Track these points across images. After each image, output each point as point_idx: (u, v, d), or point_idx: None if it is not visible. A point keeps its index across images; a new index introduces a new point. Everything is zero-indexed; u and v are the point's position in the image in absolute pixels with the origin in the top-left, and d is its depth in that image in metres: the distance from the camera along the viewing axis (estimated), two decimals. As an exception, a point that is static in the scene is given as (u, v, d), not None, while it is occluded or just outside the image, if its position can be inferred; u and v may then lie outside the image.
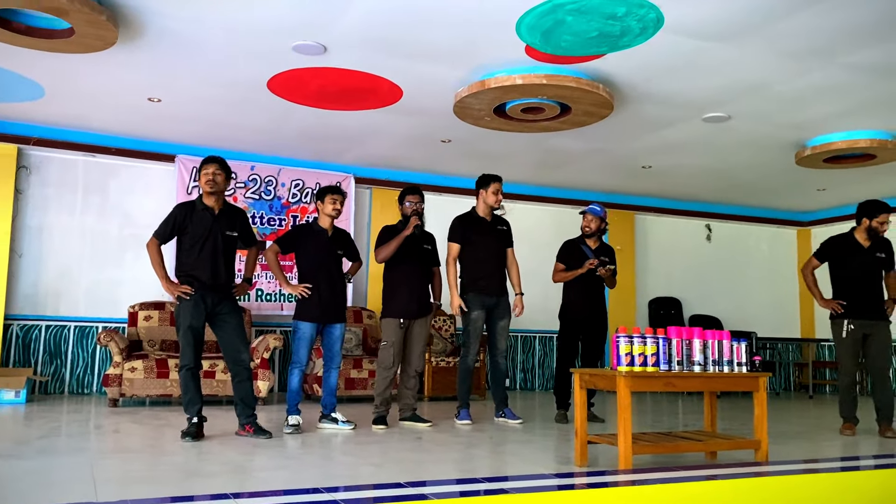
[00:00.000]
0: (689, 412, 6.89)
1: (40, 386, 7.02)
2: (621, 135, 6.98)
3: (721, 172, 8.38)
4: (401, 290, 5.35)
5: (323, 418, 5.11)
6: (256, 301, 7.69)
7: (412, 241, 5.37)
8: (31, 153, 7.18)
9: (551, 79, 5.35)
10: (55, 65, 5.45)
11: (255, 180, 7.83)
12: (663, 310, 9.69)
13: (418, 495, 2.83)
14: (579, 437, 3.81)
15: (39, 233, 7.18)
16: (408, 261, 5.37)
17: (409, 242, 5.35)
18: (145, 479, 3.28)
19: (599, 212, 5.97)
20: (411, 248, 5.37)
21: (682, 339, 3.80)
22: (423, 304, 5.40)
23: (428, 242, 5.52)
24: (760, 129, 6.73)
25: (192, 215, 4.58)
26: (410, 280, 5.37)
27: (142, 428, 5.03)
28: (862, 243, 5.70)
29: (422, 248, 5.45)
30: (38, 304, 7.11)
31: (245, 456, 3.93)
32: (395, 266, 5.39)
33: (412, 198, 5.46)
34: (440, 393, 7.46)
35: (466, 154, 7.70)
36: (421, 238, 5.44)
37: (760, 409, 3.96)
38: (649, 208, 9.84)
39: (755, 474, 3.46)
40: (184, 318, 4.48)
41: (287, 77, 5.63)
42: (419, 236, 5.40)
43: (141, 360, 6.33)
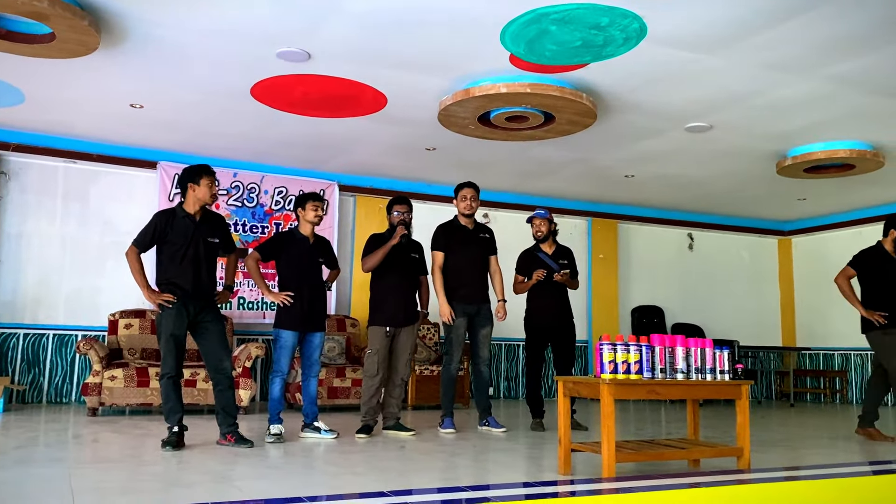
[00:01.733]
0: (672, 420, 6.91)
1: (18, 395, 6.92)
2: (604, 144, 7.02)
3: (703, 182, 8.45)
4: (387, 299, 5.33)
5: (305, 427, 5.07)
6: (238, 309, 7.64)
7: (399, 250, 5.35)
8: (11, 159, 7.10)
9: (535, 87, 5.37)
10: (36, 70, 5.40)
11: (237, 187, 7.79)
12: (646, 318, 9.73)
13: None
14: (563, 445, 3.81)
15: (18, 239, 7.09)
16: (395, 270, 5.35)
17: (396, 251, 5.34)
18: (125, 490, 3.23)
19: (545, 214, 6.02)
20: (398, 256, 5.35)
21: (666, 347, 3.81)
22: (409, 312, 5.38)
23: (415, 251, 5.51)
24: (742, 140, 6.79)
25: (172, 222, 4.54)
26: (397, 289, 5.35)
27: (121, 437, 4.96)
28: (891, 254, 5.83)
29: (409, 256, 5.44)
30: (17, 311, 7.02)
31: (226, 465, 3.88)
32: (382, 275, 5.37)
33: (400, 207, 5.45)
34: (424, 402, 7.44)
35: (451, 162, 7.71)
36: (408, 247, 5.43)
37: (743, 417, 3.97)
38: (632, 217, 9.89)
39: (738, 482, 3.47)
40: (165, 327, 4.43)
41: (270, 84, 5.61)
42: (406, 245, 5.39)
43: (121, 368, 6.26)
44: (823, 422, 7.19)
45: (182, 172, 4.65)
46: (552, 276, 5.80)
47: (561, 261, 5.96)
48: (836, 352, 10.08)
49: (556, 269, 5.86)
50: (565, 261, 5.98)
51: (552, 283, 5.85)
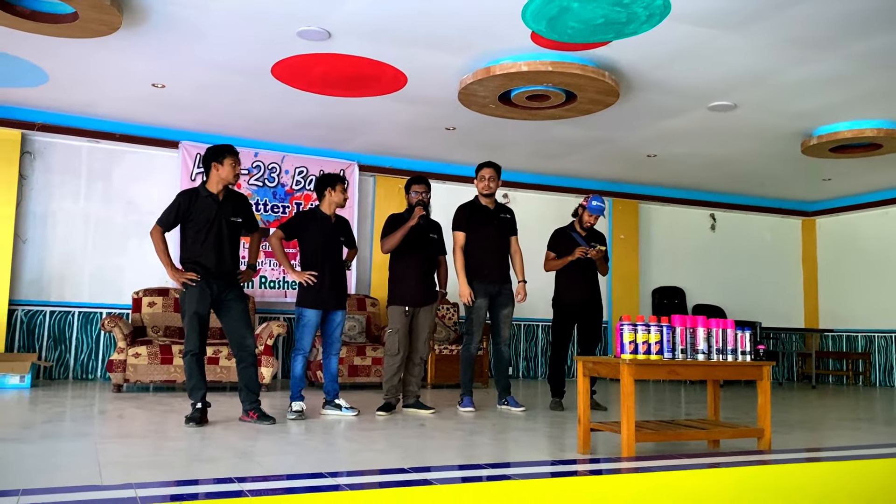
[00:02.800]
0: (691, 401, 6.90)
1: (45, 371, 7.05)
2: (626, 123, 6.96)
3: (726, 161, 8.35)
4: (406, 279, 5.35)
5: (326, 405, 5.12)
6: (260, 288, 7.70)
7: (418, 230, 5.36)
8: (35, 139, 7.18)
9: (557, 66, 5.32)
10: (59, 50, 5.44)
11: (258, 167, 7.82)
12: (667, 299, 9.69)
13: (421, 480, 2.84)
14: (582, 424, 3.82)
15: (44, 218, 7.18)
16: (413, 249, 5.37)
17: (415, 232, 5.34)
18: (149, 464, 3.29)
19: (603, 211, 5.94)
20: (417, 237, 5.36)
21: (686, 328, 3.79)
22: (428, 292, 5.40)
23: (434, 231, 5.52)
24: (766, 118, 6.70)
25: (196, 202, 4.57)
26: (415, 268, 5.37)
27: (146, 413, 5.04)
28: None
29: (427, 236, 5.45)
30: (43, 289, 7.13)
31: (249, 441, 3.94)
32: (401, 255, 5.38)
33: (418, 187, 5.44)
34: (443, 381, 7.48)
35: (471, 142, 7.68)
36: (426, 227, 5.43)
37: (764, 398, 3.95)
38: (653, 197, 9.82)
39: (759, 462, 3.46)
40: (189, 305, 4.48)
41: (291, 63, 5.60)
42: (424, 225, 5.39)
43: (145, 345, 6.35)
44: (846, 404, 7.13)
45: (205, 152, 4.67)
46: (587, 253, 5.77)
47: (592, 243, 5.92)
48: (859, 334, 9.98)
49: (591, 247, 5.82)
50: (597, 244, 5.95)
51: (584, 264, 5.81)
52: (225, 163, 4.57)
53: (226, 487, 2.68)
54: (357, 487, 2.70)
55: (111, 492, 2.57)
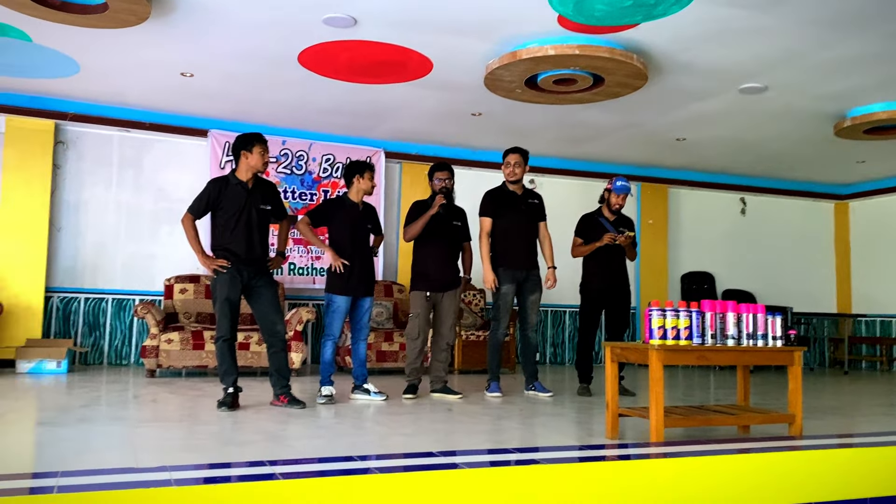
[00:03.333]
0: (721, 387, 6.84)
1: (80, 357, 7.20)
2: (655, 107, 6.88)
3: (757, 145, 8.23)
4: (428, 265, 5.37)
5: (355, 389, 5.17)
6: (289, 275, 7.77)
7: (441, 217, 5.37)
8: (68, 128, 7.29)
9: (584, 49, 5.28)
10: (90, 40, 5.51)
11: (286, 155, 7.87)
12: (696, 284, 9.60)
13: (449, 464, 2.86)
14: (610, 409, 3.81)
15: (77, 207, 7.31)
16: (436, 236, 5.38)
17: (438, 218, 5.35)
18: (183, 448, 3.35)
19: (629, 189, 5.89)
20: (440, 223, 5.37)
21: (716, 313, 3.76)
22: (450, 278, 5.42)
23: (457, 218, 5.52)
24: (798, 100, 6.58)
25: (225, 190, 4.62)
26: (438, 255, 5.38)
27: (179, 398, 5.13)
28: None
29: (451, 223, 5.46)
30: (77, 277, 7.27)
31: (280, 425, 4.00)
32: (424, 241, 5.40)
33: (441, 174, 5.45)
34: (470, 367, 7.50)
35: (497, 128, 7.65)
36: (450, 213, 5.44)
37: (795, 384, 3.91)
38: (683, 182, 9.71)
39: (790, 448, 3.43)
40: (220, 291, 4.54)
41: (317, 50, 5.62)
42: (448, 212, 5.40)
43: (177, 331, 6.45)
44: (879, 389, 7.03)
45: (235, 140, 4.71)
46: (617, 230, 5.74)
47: (621, 229, 5.88)
48: (893, 319, 9.81)
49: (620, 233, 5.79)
50: (625, 229, 5.90)
51: (612, 249, 5.77)
52: (254, 151, 4.61)
53: (258, 470, 2.73)
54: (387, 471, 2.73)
55: (146, 474, 2.63)
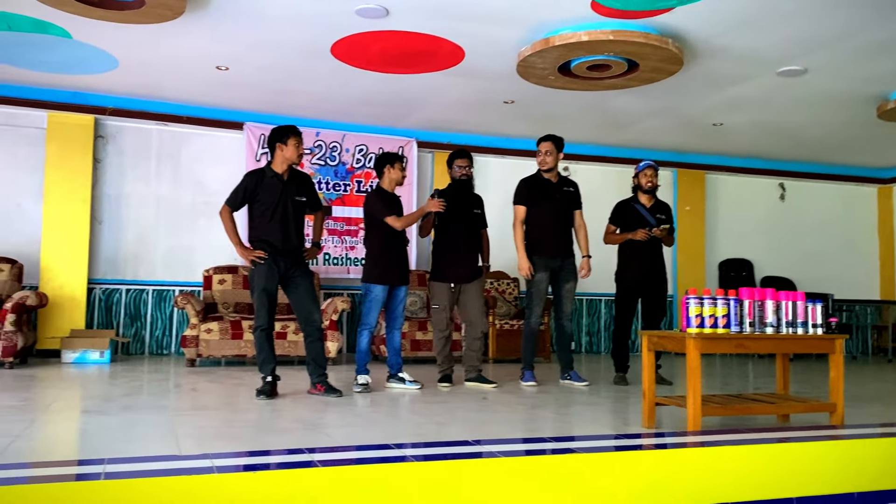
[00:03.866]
0: (760, 375, 6.75)
1: (122, 347, 7.36)
2: (691, 91, 6.78)
3: (796, 129, 8.06)
4: (450, 255, 5.37)
5: (390, 378, 5.21)
6: (324, 265, 7.84)
7: (462, 206, 5.36)
8: (108, 123, 7.43)
9: (618, 34, 5.21)
10: (127, 36, 5.61)
11: (320, 146, 7.93)
12: (734, 271, 9.46)
13: (485, 453, 2.87)
14: (647, 398, 3.79)
15: (117, 200, 7.46)
16: (458, 226, 5.38)
17: (459, 207, 5.34)
18: (223, 435, 3.42)
19: (653, 164, 5.84)
20: (461, 212, 5.37)
21: (754, 301, 3.71)
22: (473, 268, 5.41)
23: (477, 207, 5.51)
24: (839, 83, 6.42)
25: (262, 182, 4.68)
26: (459, 245, 5.38)
27: (218, 387, 5.23)
28: None
29: (471, 212, 5.45)
30: (119, 268, 7.43)
31: (317, 413, 4.05)
32: (446, 231, 5.40)
33: (461, 161, 5.44)
34: (504, 356, 7.50)
35: (529, 115, 7.61)
36: (470, 202, 5.44)
37: (836, 372, 3.84)
38: (720, 167, 9.55)
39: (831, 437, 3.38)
40: (258, 282, 4.61)
41: (350, 42, 5.64)
42: (468, 200, 5.40)
43: (216, 321, 6.56)
44: (924, 378, 6.87)
45: (270, 133, 4.76)
46: (651, 231, 5.68)
47: (658, 215, 5.80)
48: (940, 306, 9.57)
49: (654, 223, 5.72)
50: (663, 216, 5.82)
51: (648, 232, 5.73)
52: (289, 143, 4.66)
53: (297, 458, 2.77)
54: (423, 459, 2.75)
55: (188, 461, 2.69)
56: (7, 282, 6.58)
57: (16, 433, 3.30)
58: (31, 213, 7.14)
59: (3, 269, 6.61)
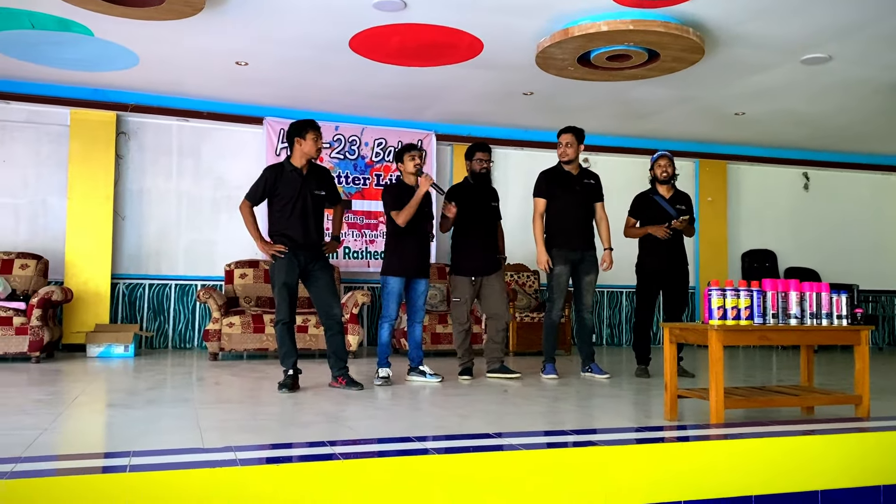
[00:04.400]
0: (783, 368, 6.69)
1: (146, 341, 7.45)
2: (712, 81, 6.70)
3: (820, 117, 7.95)
4: (469, 248, 5.37)
5: (411, 371, 5.23)
6: (344, 259, 7.87)
7: (479, 199, 5.37)
8: (129, 119, 7.50)
9: (638, 24, 5.16)
10: (148, 33, 5.65)
11: (339, 140, 7.94)
12: (757, 262, 9.37)
13: (506, 445, 2.87)
14: (669, 391, 3.76)
15: (140, 196, 7.53)
16: (476, 219, 5.39)
17: (476, 200, 5.36)
18: (246, 428, 3.44)
19: (667, 153, 5.78)
20: (480, 205, 5.38)
21: (778, 292, 3.66)
22: (492, 261, 5.42)
23: (494, 199, 5.51)
24: (864, 70, 6.32)
25: (281, 177, 4.70)
26: (479, 238, 5.39)
27: (241, 380, 5.27)
28: None
29: (489, 205, 5.45)
30: (142, 263, 7.51)
31: (338, 406, 4.07)
32: (463, 223, 5.40)
33: (482, 154, 5.44)
34: (525, 349, 7.49)
35: (548, 107, 7.57)
36: (487, 195, 5.45)
37: (862, 363, 3.80)
38: (742, 157, 9.45)
39: (856, 430, 3.33)
40: (279, 276, 4.64)
41: (368, 35, 5.64)
42: (487, 193, 5.39)
43: (238, 315, 6.61)
44: (953, 370, 6.76)
45: (289, 128, 4.78)
46: (669, 222, 5.64)
47: (678, 206, 5.74)
48: (968, 296, 9.41)
49: (674, 214, 5.67)
50: (682, 206, 5.76)
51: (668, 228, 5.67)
52: (307, 137, 4.67)
53: (319, 451, 2.79)
54: (444, 451, 2.76)
55: (212, 454, 2.71)
56: (33, 277, 6.68)
57: (43, 426, 3.35)
58: (55, 209, 7.24)
59: (29, 264, 6.71)
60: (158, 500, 2.33)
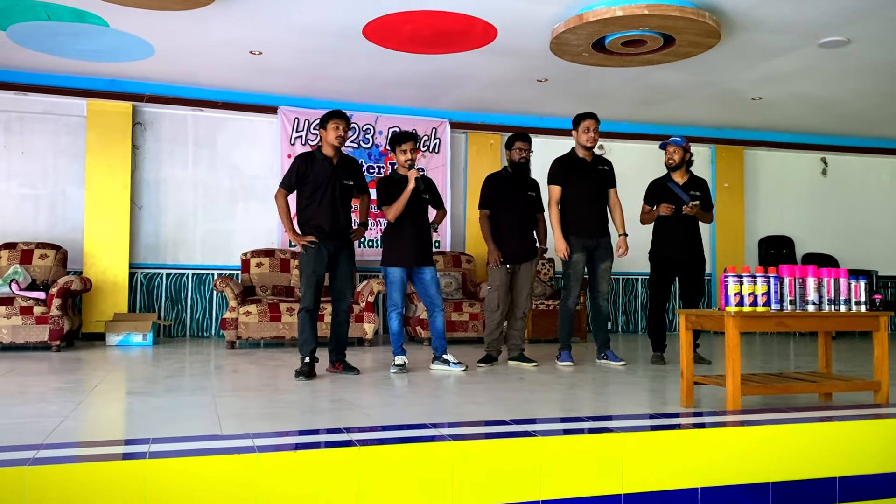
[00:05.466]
0: (801, 354, 6.64)
1: (164, 329, 7.52)
2: (729, 65, 6.63)
3: (839, 102, 7.85)
4: (506, 237, 5.38)
5: (435, 360, 5.23)
6: (359, 247, 7.89)
7: (518, 188, 5.37)
8: (145, 109, 7.54)
9: (653, 8, 5.11)
10: (163, 23, 5.66)
11: (353, 129, 7.94)
12: (774, 249, 9.30)
13: (523, 432, 2.88)
14: (685, 377, 3.76)
15: (156, 186, 7.58)
16: (513, 206, 5.42)
17: (516, 189, 5.35)
18: (264, 415, 3.48)
19: (681, 142, 5.73)
20: (518, 194, 5.40)
21: (796, 278, 3.64)
22: (528, 249, 5.44)
23: (531, 189, 5.51)
24: (883, 53, 6.23)
25: (312, 165, 4.76)
26: (515, 225, 5.42)
27: (258, 368, 5.31)
28: None
29: (526, 194, 5.46)
30: (159, 253, 7.57)
31: (355, 394, 4.09)
32: (500, 212, 5.42)
33: (521, 144, 5.44)
34: (540, 336, 7.49)
35: (564, 93, 7.53)
36: (524, 184, 5.44)
37: (881, 350, 3.77)
38: (760, 142, 9.35)
39: (875, 416, 3.31)
40: (308, 265, 4.73)
41: (381, 23, 5.63)
42: (523, 182, 5.39)
43: (255, 304, 6.65)
44: (974, 356, 6.68)
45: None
46: (681, 208, 5.60)
47: (692, 192, 5.69)
48: None
49: (686, 200, 5.63)
50: (697, 192, 5.70)
51: (681, 214, 5.64)
52: (328, 127, 4.73)
53: (336, 437, 2.81)
54: (460, 438, 2.77)
55: (231, 441, 2.74)
56: (52, 267, 6.76)
57: (65, 414, 3.40)
58: (74, 199, 7.31)
59: (49, 254, 6.78)
60: (177, 486, 2.36)
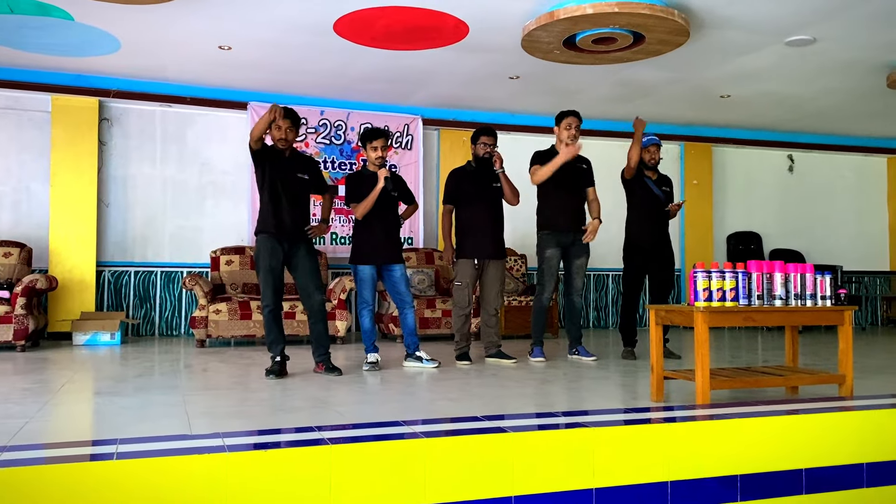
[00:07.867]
0: (769, 348, 6.75)
1: (133, 328, 7.41)
2: (698, 63, 6.70)
3: (805, 99, 7.98)
4: (475, 232, 5.36)
5: (408, 357, 5.22)
6: (331, 244, 7.85)
7: (484, 182, 5.34)
8: (112, 105, 7.42)
9: (623, 6, 5.15)
10: (129, 17, 5.57)
11: (325, 125, 7.89)
12: (742, 244, 9.43)
13: (496, 428, 2.89)
14: (655, 372, 3.79)
15: (124, 182, 7.46)
16: (477, 201, 5.37)
17: (481, 184, 5.33)
18: (235, 414, 3.44)
19: (658, 140, 5.84)
20: (484, 189, 5.36)
21: (763, 273, 3.69)
22: (498, 245, 5.41)
23: (497, 182, 5.48)
24: (848, 52, 6.34)
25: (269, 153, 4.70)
26: (479, 220, 5.37)
27: (228, 367, 5.26)
28: None
29: (493, 188, 5.43)
30: (127, 250, 7.45)
31: (326, 392, 4.07)
32: (465, 207, 5.39)
33: (486, 139, 5.41)
34: (513, 332, 7.51)
35: (536, 90, 7.55)
36: (492, 178, 5.42)
37: (845, 343, 3.84)
38: (728, 140, 9.48)
39: (840, 409, 3.38)
40: (262, 261, 4.63)
41: (353, 18, 5.59)
42: (490, 177, 5.38)
43: (224, 302, 6.59)
44: (934, 349, 6.85)
45: None
46: (665, 204, 5.72)
47: (664, 188, 5.81)
48: (950, 276, 9.52)
49: (661, 196, 5.76)
50: (668, 189, 5.84)
51: (654, 210, 5.71)
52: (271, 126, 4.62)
53: (307, 436, 2.79)
54: (433, 435, 2.77)
55: (200, 440, 2.71)
56: (16, 266, 6.62)
57: (30, 415, 3.33)
58: (38, 196, 7.16)
59: (13, 252, 6.64)
60: (147, 487, 2.33)
